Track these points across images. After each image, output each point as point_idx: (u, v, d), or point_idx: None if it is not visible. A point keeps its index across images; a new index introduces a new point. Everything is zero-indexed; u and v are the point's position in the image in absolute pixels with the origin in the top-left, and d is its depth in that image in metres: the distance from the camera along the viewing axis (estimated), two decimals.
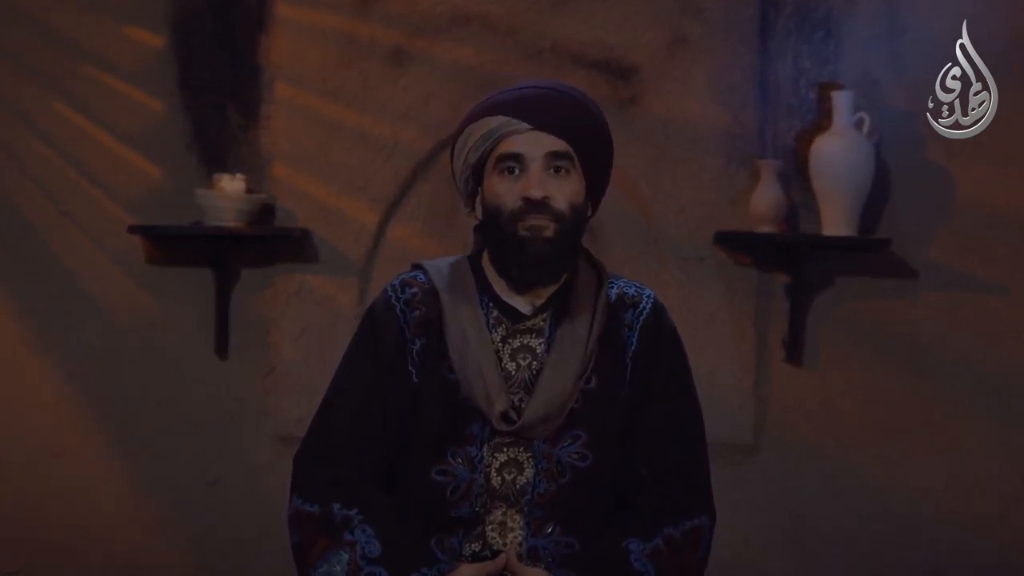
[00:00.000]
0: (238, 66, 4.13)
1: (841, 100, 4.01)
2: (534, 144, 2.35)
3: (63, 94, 4.14)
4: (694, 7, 4.11)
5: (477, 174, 2.41)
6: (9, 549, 4.14)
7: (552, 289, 2.42)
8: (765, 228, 4.06)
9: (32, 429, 4.15)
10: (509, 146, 2.36)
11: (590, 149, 2.40)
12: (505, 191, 2.36)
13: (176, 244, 4.13)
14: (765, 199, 4.05)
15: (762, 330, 4.14)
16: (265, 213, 4.12)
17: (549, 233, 2.34)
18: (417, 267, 2.48)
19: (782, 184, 4.07)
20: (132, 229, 4.07)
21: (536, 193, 2.33)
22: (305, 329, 4.14)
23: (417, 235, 4.14)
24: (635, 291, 2.47)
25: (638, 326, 2.43)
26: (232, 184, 4.01)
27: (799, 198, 4.12)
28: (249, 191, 4.06)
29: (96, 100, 4.13)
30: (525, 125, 2.35)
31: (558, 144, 2.36)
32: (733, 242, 4.11)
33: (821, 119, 4.10)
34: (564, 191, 2.36)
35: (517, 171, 2.36)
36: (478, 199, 2.43)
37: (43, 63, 4.14)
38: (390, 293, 2.44)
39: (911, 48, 4.04)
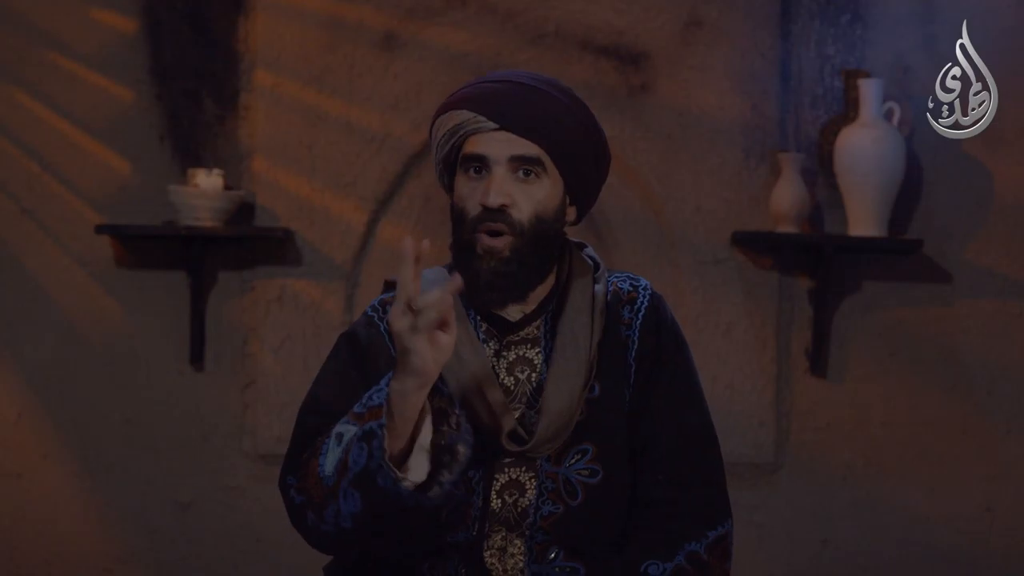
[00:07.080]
0: (214, 51, 4.11)
1: (869, 89, 3.99)
2: (498, 146, 2.28)
3: (24, 83, 4.11)
4: None
5: (450, 168, 2.37)
6: None
7: (543, 293, 2.35)
8: (787, 228, 4.04)
9: None
10: (472, 146, 2.30)
11: (568, 152, 2.31)
12: (468, 194, 2.30)
13: (147, 245, 4.11)
14: (787, 196, 4.02)
15: (784, 339, 4.12)
16: (244, 212, 4.09)
17: (505, 254, 2.27)
18: (391, 285, 2.40)
19: (805, 180, 4.05)
20: (100, 229, 4.04)
21: (493, 201, 2.26)
22: (287, 338, 4.08)
23: (409, 236, 3.97)
24: (630, 285, 2.40)
25: (638, 323, 2.36)
26: (208, 180, 3.99)
27: (824, 195, 4.11)
28: (226, 188, 4.04)
29: (60, 89, 4.10)
30: (490, 124, 2.29)
31: (526, 147, 2.28)
32: (753, 243, 4.10)
33: (848, 109, 4.08)
34: (531, 198, 2.28)
35: (483, 172, 2.29)
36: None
37: (1, 49, 4.10)
38: (371, 313, 2.39)
39: (945, 32, 3.98)
